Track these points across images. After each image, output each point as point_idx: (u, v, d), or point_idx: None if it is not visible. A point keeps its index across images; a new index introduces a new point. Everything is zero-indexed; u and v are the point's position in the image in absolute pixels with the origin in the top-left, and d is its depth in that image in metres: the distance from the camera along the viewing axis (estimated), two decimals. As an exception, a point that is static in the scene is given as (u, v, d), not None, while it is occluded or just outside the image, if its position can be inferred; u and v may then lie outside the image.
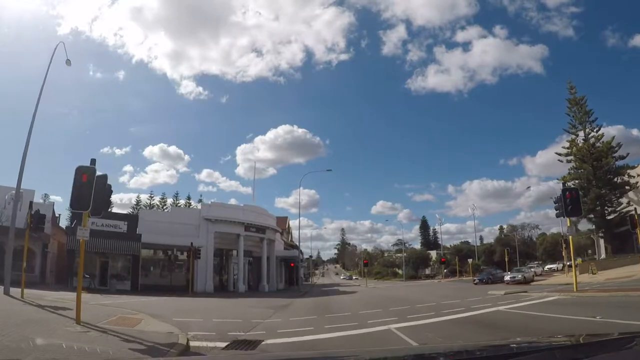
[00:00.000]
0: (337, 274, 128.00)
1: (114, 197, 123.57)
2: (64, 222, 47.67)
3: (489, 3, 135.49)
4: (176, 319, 11.83)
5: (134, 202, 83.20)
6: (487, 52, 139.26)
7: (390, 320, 10.42)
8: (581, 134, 43.58)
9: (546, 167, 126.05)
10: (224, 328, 9.85)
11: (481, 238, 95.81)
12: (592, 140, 42.61)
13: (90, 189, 9.74)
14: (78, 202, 9.71)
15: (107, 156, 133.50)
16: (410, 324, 9.47)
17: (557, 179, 45.37)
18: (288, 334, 8.70)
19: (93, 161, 10.37)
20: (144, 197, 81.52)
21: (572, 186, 20.01)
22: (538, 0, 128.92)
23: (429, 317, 10.82)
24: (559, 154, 45.20)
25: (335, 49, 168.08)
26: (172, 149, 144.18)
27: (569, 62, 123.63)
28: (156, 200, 79.19)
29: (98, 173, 10.24)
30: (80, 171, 9.87)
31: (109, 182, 10.70)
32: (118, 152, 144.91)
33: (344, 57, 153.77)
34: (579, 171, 42.10)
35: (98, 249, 30.25)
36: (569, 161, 43.96)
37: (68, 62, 23.10)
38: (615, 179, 41.66)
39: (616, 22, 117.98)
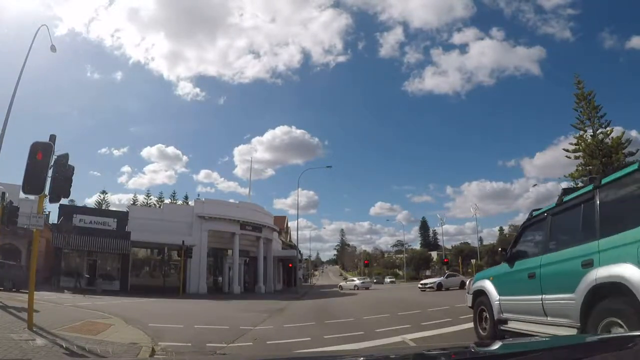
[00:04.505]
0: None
1: (113, 198, 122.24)
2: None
3: (485, 5, 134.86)
4: (153, 324, 10.23)
5: (131, 202, 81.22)
6: (485, 54, 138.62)
7: (402, 328, 8.81)
8: (589, 130, 42.18)
9: (544, 168, 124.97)
10: (205, 337, 8.23)
11: (480, 239, 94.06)
12: (600, 137, 41.19)
13: (46, 169, 8.21)
14: (31, 183, 8.12)
15: (105, 157, 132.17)
16: (428, 334, 7.88)
17: (558, 179, 43.97)
18: (279, 346, 7.08)
19: (52, 137, 8.79)
20: (141, 198, 79.58)
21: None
22: (535, 2, 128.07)
23: (447, 324, 9.23)
24: (567, 150, 43.76)
25: (333, 50, 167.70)
26: (170, 149, 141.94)
27: (566, 64, 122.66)
28: (153, 200, 77.38)
29: (58, 152, 8.75)
30: (35, 148, 8.33)
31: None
32: (116, 152, 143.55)
33: (341, 59, 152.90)
34: (588, 168, 40.58)
35: (85, 247, 28.80)
36: (576, 157, 42.54)
37: (53, 47, 21.73)
38: (625, 177, 40.25)
39: (613, 24, 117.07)
